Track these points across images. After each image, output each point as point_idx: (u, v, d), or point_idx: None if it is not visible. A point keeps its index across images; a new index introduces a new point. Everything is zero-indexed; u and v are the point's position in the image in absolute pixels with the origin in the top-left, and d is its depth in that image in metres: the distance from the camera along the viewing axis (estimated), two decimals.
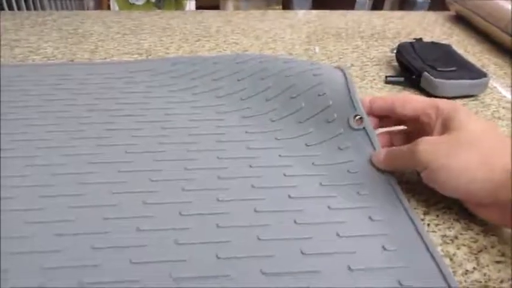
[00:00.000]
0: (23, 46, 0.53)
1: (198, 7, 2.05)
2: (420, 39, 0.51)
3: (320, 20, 0.68)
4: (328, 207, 0.27)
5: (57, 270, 0.22)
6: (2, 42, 0.54)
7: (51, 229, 0.25)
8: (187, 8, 1.99)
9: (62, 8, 1.63)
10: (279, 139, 0.34)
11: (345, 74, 0.35)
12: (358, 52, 0.55)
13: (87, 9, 1.98)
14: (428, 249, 0.25)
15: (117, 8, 1.98)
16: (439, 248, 0.26)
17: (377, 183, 0.29)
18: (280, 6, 1.81)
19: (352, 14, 0.73)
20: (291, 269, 0.23)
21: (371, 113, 0.33)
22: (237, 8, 1.82)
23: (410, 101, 0.31)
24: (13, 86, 0.41)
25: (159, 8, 2.06)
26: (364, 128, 0.32)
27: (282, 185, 0.29)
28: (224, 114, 0.37)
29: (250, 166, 0.30)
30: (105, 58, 0.50)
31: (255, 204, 0.27)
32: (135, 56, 0.51)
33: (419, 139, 0.27)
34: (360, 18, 0.70)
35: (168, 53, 0.52)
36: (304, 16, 0.70)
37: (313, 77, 0.35)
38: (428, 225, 0.28)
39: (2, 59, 0.49)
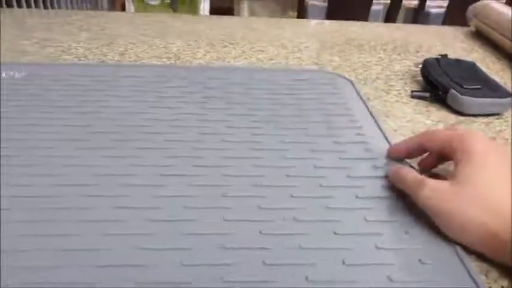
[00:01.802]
0: (54, 45, 0.54)
1: (212, 8, 2.06)
2: (445, 55, 0.52)
3: (342, 31, 0.69)
4: (365, 219, 0.28)
5: (108, 269, 0.23)
6: (33, 41, 0.56)
7: (100, 228, 0.26)
8: (201, 9, 2.01)
9: (77, 8, 1.65)
10: (314, 150, 0.35)
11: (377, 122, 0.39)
12: (382, 65, 0.56)
13: (102, 8, 1.99)
14: (464, 264, 0.25)
15: (132, 8, 2.00)
16: (473, 264, 0.27)
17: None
18: (296, 13, 1.82)
19: (373, 26, 0.74)
20: (334, 278, 0.24)
21: (410, 156, 0.34)
22: (251, 10, 1.84)
23: (433, 139, 0.31)
24: (47, 85, 0.42)
25: (174, 9, 2.08)
26: None
27: (319, 195, 0.30)
28: (260, 123, 0.38)
29: (288, 175, 0.31)
30: (135, 61, 0.51)
31: (294, 213, 0.28)
32: (164, 59, 0.52)
33: (425, 181, 0.28)
34: (381, 30, 0.71)
35: (195, 58, 0.54)
36: (327, 26, 0.71)
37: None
38: None
39: (35, 57, 0.51)
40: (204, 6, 2.04)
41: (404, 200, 0.30)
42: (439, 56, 0.51)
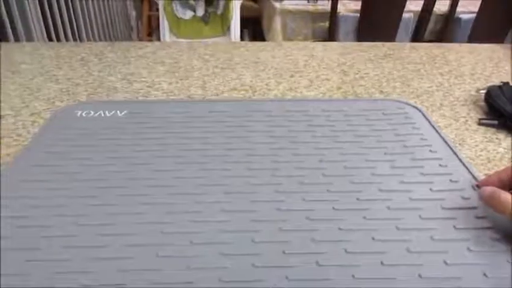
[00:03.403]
0: (139, 81, 0.60)
1: (241, 19, 2.11)
2: (507, 83, 0.55)
3: (396, 54, 0.73)
4: (468, 249, 0.32)
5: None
6: (118, 77, 0.61)
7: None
8: (232, 22, 2.06)
9: (113, 36, 1.73)
10: (403, 182, 0.39)
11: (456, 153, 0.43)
12: (442, 90, 0.59)
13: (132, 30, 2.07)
14: None
15: (166, 23, 2.07)
16: None
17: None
18: (327, 23, 1.86)
19: (423, 47, 0.77)
20: None
21: (503, 189, 0.35)
22: (284, 23, 1.88)
23: None
24: (150, 123, 0.47)
25: (206, 22, 2.14)
26: None
27: (423, 226, 0.34)
28: (348, 156, 0.42)
29: (389, 208, 0.35)
30: (217, 94, 0.56)
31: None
32: (242, 92, 0.57)
33: None
34: (431, 51, 0.75)
35: (270, 89, 0.58)
36: (379, 49, 0.75)
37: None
38: None
39: (128, 94, 0.56)
40: (235, 19, 2.09)
41: (501, 227, 0.33)
42: (501, 83, 0.54)
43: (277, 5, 1.89)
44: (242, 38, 2.16)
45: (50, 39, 1.44)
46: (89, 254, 0.30)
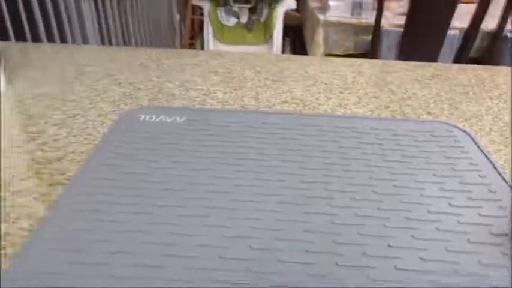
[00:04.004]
0: (195, 89, 0.63)
1: (284, 27, 2.15)
2: None
3: (443, 75, 0.73)
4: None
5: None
6: (176, 83, 0.65)
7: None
8: (275, 30, 2.10)
9: (155, 45, 1.81)
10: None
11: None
12: (492, 115, 0.60)
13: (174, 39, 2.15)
14: None
15: (210, 29, 2.13)
16: None
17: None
18: (369, 37, 1.86)
19: (471, 68, 0.77)
20: None
21: None
22: (326, 35, 1.89)
23: None
24: (207, 131, 0.50)
25: (249, 30, 2.19)
26: None
27: (471, 249, 0.35)
28: (398, 175, 0.43)
29: (438, 229, 0.37)
30: (269, 106, 0.59)
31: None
32: (293, 105, 0.59)
33: None
34: (479, 73, 0.75)
35: (319, 104, 0.60)
36: (426, 70, 0.76)
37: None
38: None
39: (185, 101, 0.59)
40: (278, 27, 2.12)
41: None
42: None
43: (320, 16, 1.91)
44: (283, 47, 2.19)
45: (102, 42, 1.51)
46: (160, 250, 0.33)
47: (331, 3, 1.90)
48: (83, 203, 0.38)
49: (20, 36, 1.08)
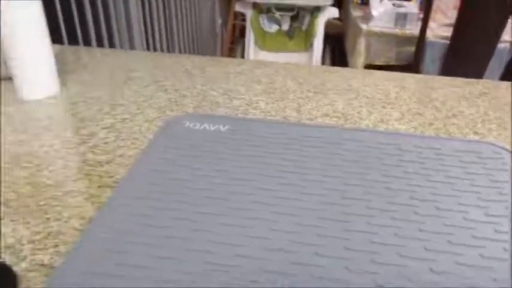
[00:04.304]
0: (239, 98, 0.65)
1: (325, 34, 2.14)
2: None
3: (491, 93, 0.71)
4: None
5: None
6: (220, 92, 0.66)
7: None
8: (316, 38, 2.09)
9: (196, 49, 1.84)
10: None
11: None
12: None
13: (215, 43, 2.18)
14: None
15: (252, 35, 2.16)
16: None
17: None
18: (412, 48, 1.83)
19: None
20: None
21: None
22: (368, 45, 1.87)
23: None
24: (249, 141, 0.51)
25: (290, 37, 2.20)
26: None
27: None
28: (441, 197, 0.43)
29: (482, 256, 0.36)
30: (311, 119, 0.59)
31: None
32: (335, 119, 0.60)
33: None
34: None
35: (361, 119, 0.60)
36: (474, 87, 0.74)
37: None
38: None
39: (228, 110, 0.61)
40: (319, 35, 2.12)
41: None
42: None
43: (363, 26, 1.89)
44: (323, 55, 2.19)
45: (147, 44, 1.57)
46: (202, 257, 0.34)
47: (374, 13, 1.87)
48: (130, 207, 0.39)
49: (73, 40, 1.13)
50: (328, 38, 2.23)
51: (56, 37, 1.05)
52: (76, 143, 0.51)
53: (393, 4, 1.92)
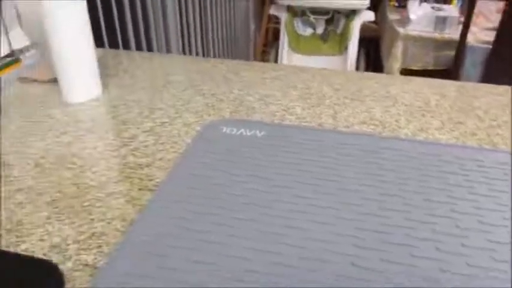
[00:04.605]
0: (275, 103, 0.65)
1: (360, 37, 2.11)
2: None
3: None
4: None
5: None
6: (256, 97, 0.67)
7: None
8: (351, 42, 2.06)
9: (230, 52, 1.86)
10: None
11: None
12: None
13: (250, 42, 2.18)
14: None
15: (286, 38, 2.16)
16: None
17: None
18: (452, 52, 1.78)
19: None
20: None
21: None
22: (405, 49, 1.84)
23: None
24: (285, 147, 0.51)
25: (324, 40, 2.18)
26: None
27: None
28: (484, 211, 0.41)
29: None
30: (347, 126, 0.59)
31: None
32: (372, 126, 0.59)
33: None
34: None
35: (400, 127, 0.59)
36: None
37: None
38: None
39: (264, 115, 0.61)
40: (354, 39, 2.09)
41: None
42: None
43: (400, 29, 1.86)
44: (358, 58, 2.16)
45: (183, 47, 1.59)
46: (239, 264, 0.34)
47: (412, 16, 1.83)
48: (170, 210, 0.40)
49: (113, 43, 1.17)
50: (362, 41, 2.20)
51: (98, 41, 1.09)
52: (118, 146, 0.52)
53: (432, 7, 1.87)
